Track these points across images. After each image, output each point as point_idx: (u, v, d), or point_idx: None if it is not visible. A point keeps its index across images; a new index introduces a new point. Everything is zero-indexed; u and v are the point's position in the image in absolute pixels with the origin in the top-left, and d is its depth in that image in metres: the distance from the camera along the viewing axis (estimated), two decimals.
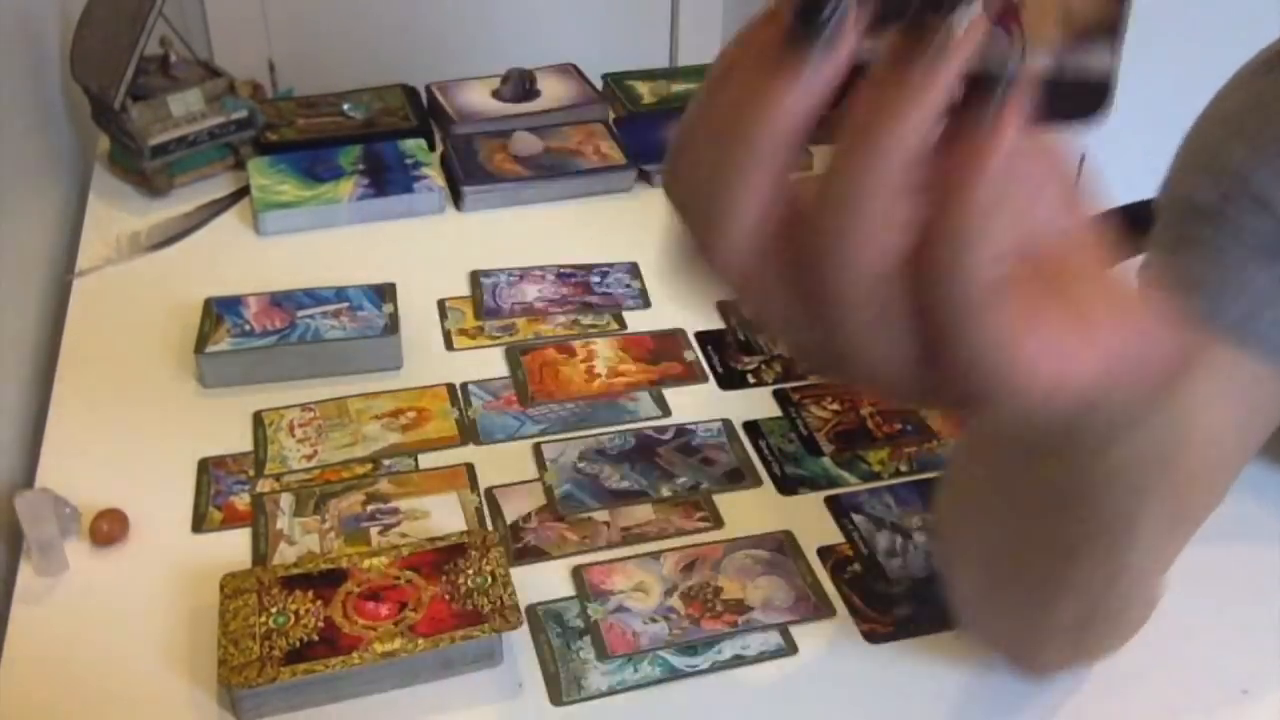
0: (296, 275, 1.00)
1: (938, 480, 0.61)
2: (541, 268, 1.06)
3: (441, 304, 1.01)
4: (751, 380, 0.93)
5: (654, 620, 0.71)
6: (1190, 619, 0.73)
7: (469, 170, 1.18)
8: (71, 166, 1.25)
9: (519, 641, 0.70)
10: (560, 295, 1.03)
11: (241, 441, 0.85)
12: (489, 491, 0.81)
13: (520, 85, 1.31)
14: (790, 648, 0.70)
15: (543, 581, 0.74)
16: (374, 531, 0.77)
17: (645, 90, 1.37)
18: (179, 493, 0.81)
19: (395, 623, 0.67)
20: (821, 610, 0.73)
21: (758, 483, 0.83)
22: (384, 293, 0.97)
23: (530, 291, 1.03)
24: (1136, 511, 0.49)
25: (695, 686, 0.68)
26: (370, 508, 0.79)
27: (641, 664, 0.69)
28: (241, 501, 0.80)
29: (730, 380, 0.93)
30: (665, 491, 0.82)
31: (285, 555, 0.75)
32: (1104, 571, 0.53)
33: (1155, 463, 0.47)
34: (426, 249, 1.10)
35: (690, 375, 0.94)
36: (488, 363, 0.94)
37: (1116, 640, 0.61)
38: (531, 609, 0.72)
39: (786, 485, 0.83)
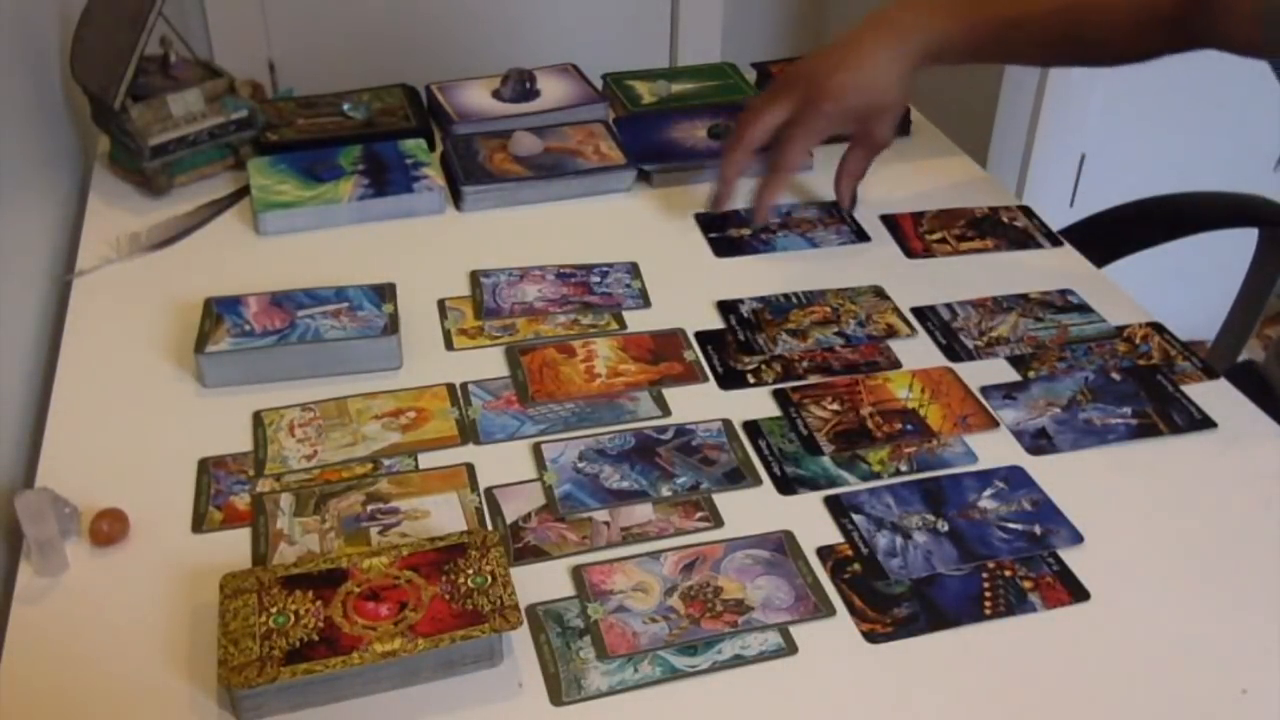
0: (296, 275, 1.00)
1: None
2: (541, 268, 1.06)
3: (441, 304, 1.01)
4: (751, 380, 0.93)
5: (654, 620, 0.71)
6: (1190, 619, 0.73)
7: (469, 170, 1.18)
8: (71, 166, 1.25)
9: (519, 641, 0.70)
10: (560, 295, 1.03)
11: (241, 441, 0.85)
12: (489, 491, 0.81)
13: (520, 85, 1.31)
14: (790, 648, 0.70)
15: (543, 581, 0.74)
16: (374, 531, 0.77)
17: (645, 90, 1.37)
18: (179, 493, 0.81)
19: (395, 623, 0.67)
20: (821, 610, 0.73)
21: (758, 483, 0.83)
22: (384, 293, 0.97)
23: (530, 291, 1.03)
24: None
25: (695, 686, 0.68)
26: (370, 508, 0.79)
27: (641, 664, 0.69)
28: (241, 501, 0.80)
29: (730, 380, 0.93)
30: (665, 491, 0.82)
31: (285, 555, 0.75)
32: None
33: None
34: (426, 249, 1.10)
35: (690, 375, 0.94)
36: (488, 363, 0.94)
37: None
38: (531, 609, 0.72)
39: (786, 485, 0.83)
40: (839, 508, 0.81)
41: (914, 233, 1.14)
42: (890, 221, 1.16)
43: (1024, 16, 1.04)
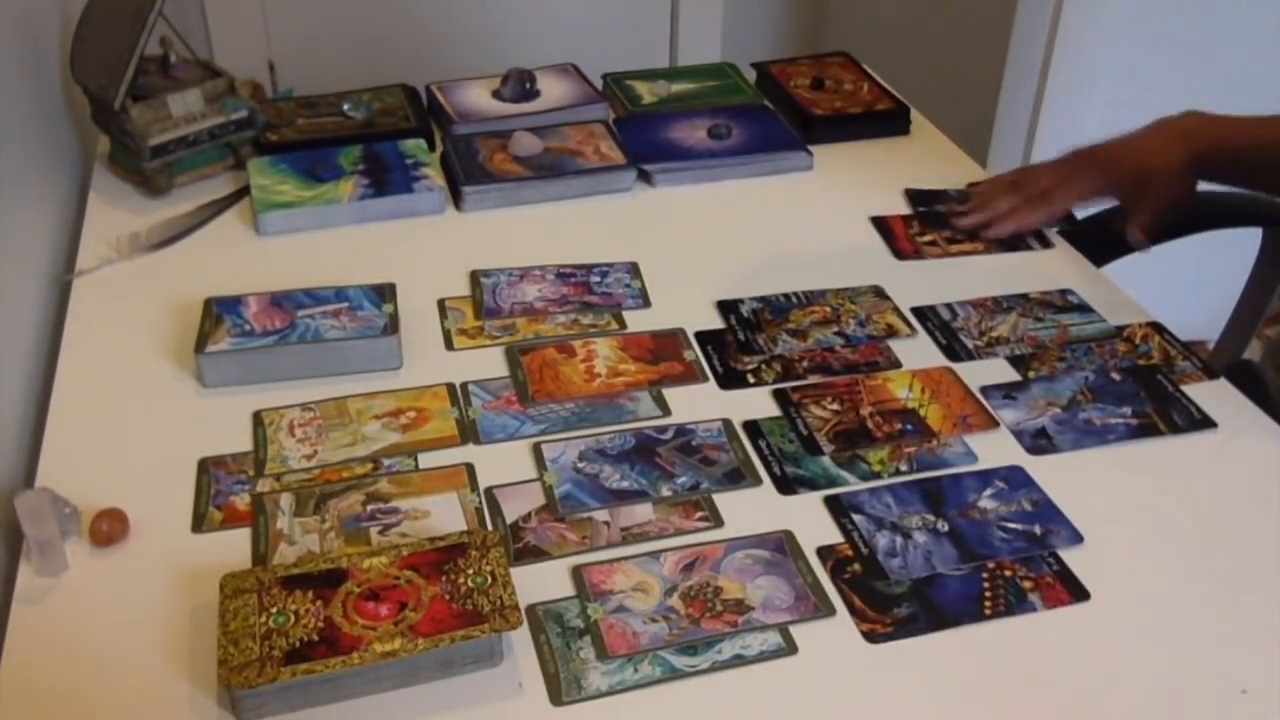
0: (296, 275, 1.00)
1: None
2: (541, 267, 1.06)
3: (441, 304, 1.01)
4: (751, 380, 0.93)
5: (654, 620, 0.71)
6: (1190, 619, 0.73)
7: (469, 170, 1.18)
8: (71, 166, 1.25)
9: (519, 641, 0.70)
10: (560, 295, 1.03)
11: (241, 441, 0.85)
12: (489, 491, 0.81)
13: (520, 85, 1.31)
14: (790, 648, 0.70)
15: (543, 581, 0.74)
16: (374, 531, 0.77)
17: (645, 90, 1.37)
18: (179, 493, 0.81)
19: (395, 623, 0.67)
20: (821, 610, 0.73)
21: (758, 483, 0.83)
22: (384, 293, 0.97)
23: (530, 291, 1.03)
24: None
25: (695, 686, 0.68)
26: (370, 508, 0.79)
27: (641, 664, 0.69)
28: (241, 501, 0.80)
29: (730, 380, 0.93)
30: (665, 491, 0.82)
31: (285, 555, 0.75)
32: None
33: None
34: (426, 249, 1.10)
35: (690, 375, 0.94)
36: (488, 363, 0.94)
37: None
38: (531, 609, 0.72)
39: (786, 485, 0.83)
40: (839, 508, 0.81)
41: (904, 234, 1.14)
42: (880, 223, 1.16)
43: None
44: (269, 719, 0.65)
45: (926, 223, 1.16)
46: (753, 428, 0.88)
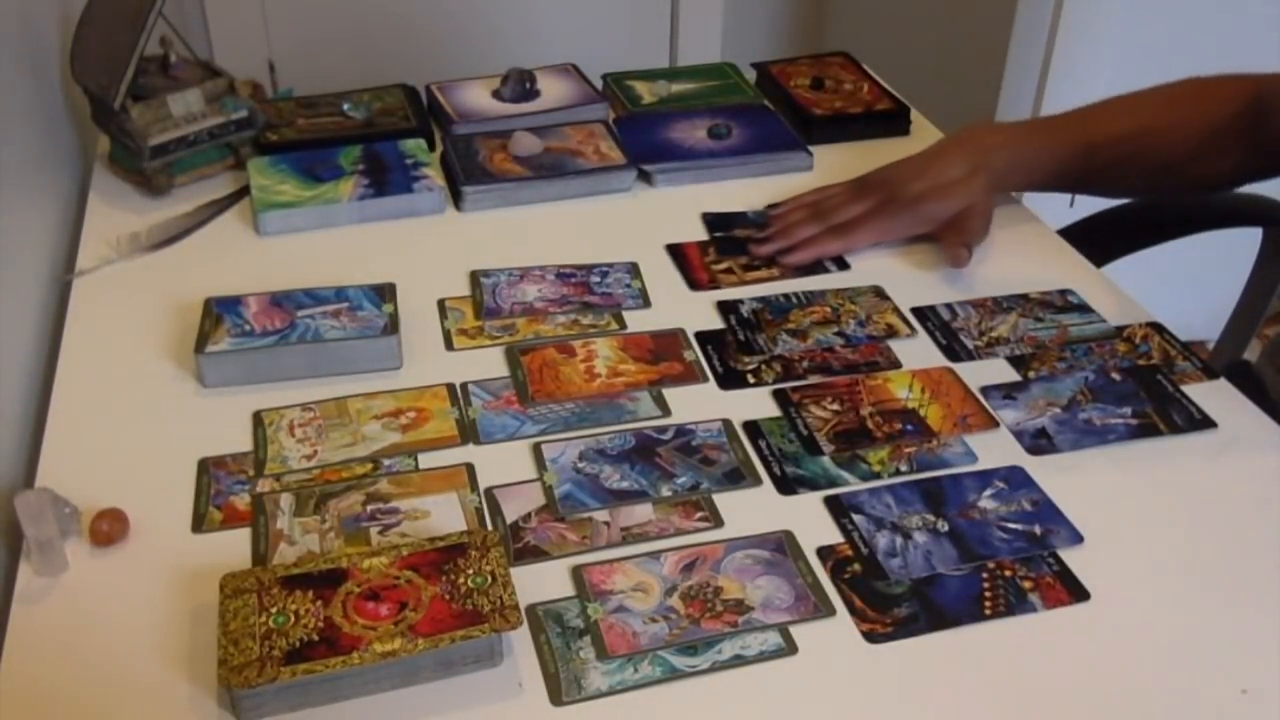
0: (296, 275, 1.00)
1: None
2: (541, 268, 1.06)
3: (441, 304, 1.01)
4: (751, 380, 0.93)
5: (654, 620, 0.71)
6: (1190, 619, 0.73)
7: (469, 170, 1.18)
8: (71, 166, 1.25)
9: (519, 641, 0.70)
10: (560, 295, 1.03)
11: (241, 441, 0.85)
12: (489, 491, 0.81)
13: (520, 85, 1.31)
14: (790, 648, 0.70)
15: (543, 581, 0.74)
16: (374, 531, 0.77)
17: (645, 90, 1.37)
18: (179, 493, 0.81)
19: (395, 623, 0.67)
20: (821, 610, 0.73)
21: (758, 483, 0.83)
22: (384, 293, 0.97)
23: (530, 291, 1.03)
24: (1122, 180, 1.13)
25: (695, 686, 0.68)
26: (370, 508, 0.79)
27: (641, 664, 0.69)
28: (241, 501, 0.80)
29: (730, 380, 0.93)
30: (665, 491, 0.82)
31: (285, 555, 0.75)
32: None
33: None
34: (426, 249, 1.10)
35: (690, 375, 0.94)
36: (488, 363, 0.94)
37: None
38: (531, 609, 0.72)
39: (786, 485, 0.83)
40: (839, 508, 0.81)
41: (699, 263, 1.09)
42: (676, 251, 1.10)
43: (1102, 140, 1.07)
44: (269, 719, 0.65)
45: (723, 249, 1.10)
46: (753, 428, 0.88)
